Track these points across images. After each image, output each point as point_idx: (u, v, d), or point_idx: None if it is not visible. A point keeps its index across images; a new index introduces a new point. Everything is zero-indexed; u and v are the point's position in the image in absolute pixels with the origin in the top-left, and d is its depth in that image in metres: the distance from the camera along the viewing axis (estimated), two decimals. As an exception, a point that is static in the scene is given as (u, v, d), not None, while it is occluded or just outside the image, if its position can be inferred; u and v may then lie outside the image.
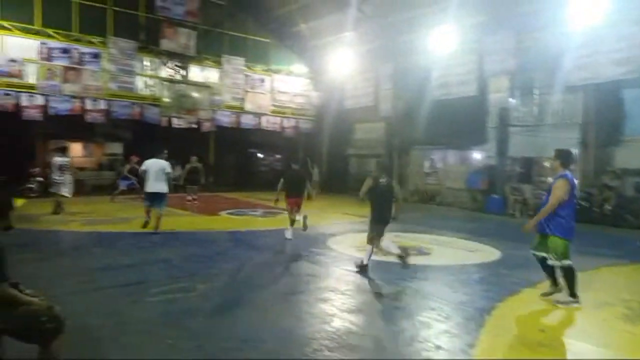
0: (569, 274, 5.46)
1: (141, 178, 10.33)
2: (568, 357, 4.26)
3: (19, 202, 12.66)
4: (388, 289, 6.14)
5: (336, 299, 5.60)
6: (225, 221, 12.45)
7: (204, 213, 13.67)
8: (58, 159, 12.06)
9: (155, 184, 9.58)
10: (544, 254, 5.60)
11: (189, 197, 15.28)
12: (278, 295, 5.76)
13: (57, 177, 11.94)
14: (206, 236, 10.05)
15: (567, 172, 5.49)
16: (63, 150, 12.55)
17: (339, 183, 23.36)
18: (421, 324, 4.75)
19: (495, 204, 16.03)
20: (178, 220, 12.26)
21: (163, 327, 4.56)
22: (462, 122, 17.81)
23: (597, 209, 14.07)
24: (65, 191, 12.04)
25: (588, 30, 13.06)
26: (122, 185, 15.76)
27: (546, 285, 5.87)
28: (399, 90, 19.81)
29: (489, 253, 8.78)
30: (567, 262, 5.43)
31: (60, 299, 4.43)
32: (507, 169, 16.60)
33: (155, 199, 9.64)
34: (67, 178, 12.02)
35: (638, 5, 12.45)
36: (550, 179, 15.18)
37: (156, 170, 9.59)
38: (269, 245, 9.06)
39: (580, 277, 6.07)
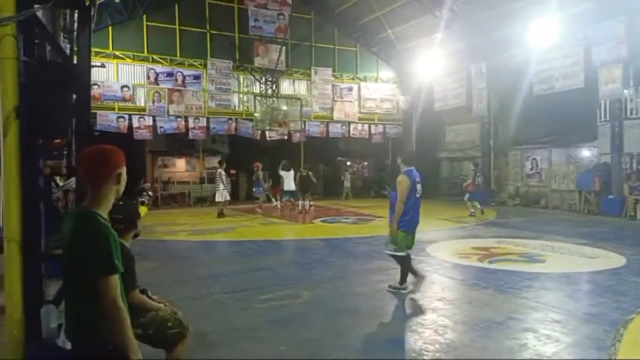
0: (403, 263, 5.96)
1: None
2: None
3: (143, 211, 13.87)
4: (501, 298, 5.71)
5: (446, 309, 5.34)
6: (320, 229, 12.57)
7: (300, 221, 13.93)
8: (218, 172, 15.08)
9: (289, 184, 15.74)
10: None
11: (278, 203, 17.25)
12: (384, 303, 5.62)
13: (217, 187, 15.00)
14: (304, 244, 10.20)
15: (410, 169, 5.91)
16: (220, 164, 15.24)
17: (430, 187, 22.65)
18: (547, 337, 4.33)
19: (612, 206, 14.47)
20: (277, 228, 12.62)
21: (274, 334, 4.63)
22: (568, 117, 16.44)
23: None
24: (219, 197, 14.74)
25: None
26: (258, 192, 16.81)
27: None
28: (493, 89, 18.84)
29: (612, 259, 7.89)
30: (401, 253, 5.89)
31: (176, 305, 4.69)
32: (624, 166, 14.95)
33: (292, 194, 16.02)
34: (220, 186, 14.68)
35: None
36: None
37: (289, 176, 15.71)
38: (366, 252, 8.95)
39: None
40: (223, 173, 14.76)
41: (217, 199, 14.90)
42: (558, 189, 17.15)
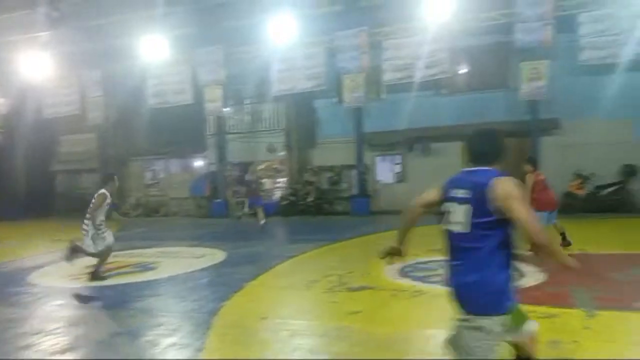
0: None
1: None
2: (285, 336, 4.63)
3: None
4: (110, 314, 5.54)
5: (43, 341, 4.70)
6: None
7: None
8: None
9: None
10: None
11: None
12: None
13: None
14: None
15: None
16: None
17: (43, 204, 20.04)
18: (147, 343, 4.45)
19: (219, 208, 16.69)
20: None
21: None
22: (181, 130, 17.89)
23: (302, 202, 16.34)
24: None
25: (285, 47, 14.97)
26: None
27: (269, 275, 6.49)
28: (110, 98, 18.37)
29: (215, 256, 9.02)
30: None
31: None
32: (227, 173, 17.49)
33: None
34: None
35: (321, 30, 14.91)
36: (264, 180, 17.09)
37: None
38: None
39: (293, 263, 6.95)
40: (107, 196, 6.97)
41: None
42: (176, 197, 18.43)
